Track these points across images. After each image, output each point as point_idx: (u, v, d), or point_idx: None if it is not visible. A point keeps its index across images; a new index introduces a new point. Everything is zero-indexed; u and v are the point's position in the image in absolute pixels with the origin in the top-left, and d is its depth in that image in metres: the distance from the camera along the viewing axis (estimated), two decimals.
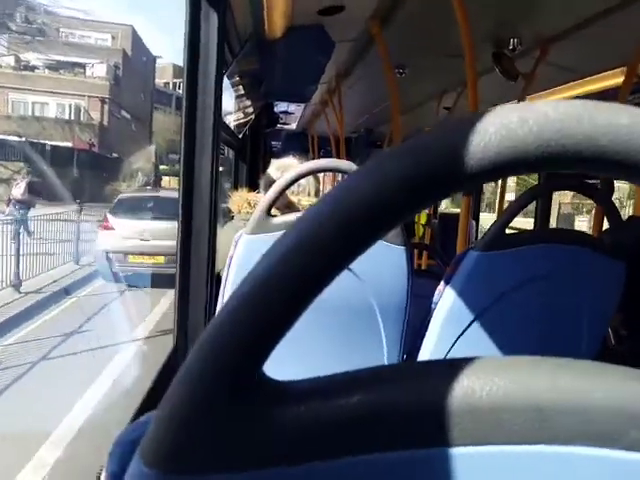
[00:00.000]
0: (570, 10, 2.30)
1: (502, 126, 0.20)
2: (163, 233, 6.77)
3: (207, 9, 1.14)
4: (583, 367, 0.23)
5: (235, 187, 3.39)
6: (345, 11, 2.59)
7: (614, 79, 2.72)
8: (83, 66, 22.70)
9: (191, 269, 1.30)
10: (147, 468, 0.22)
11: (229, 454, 0.22)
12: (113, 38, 24.30)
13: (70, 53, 21.88)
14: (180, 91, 1.24)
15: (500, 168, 0.20)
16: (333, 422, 0.22)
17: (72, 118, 21.53)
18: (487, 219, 6.76)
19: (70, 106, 21.73)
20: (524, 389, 0.23)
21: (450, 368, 0.24)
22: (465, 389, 0.22)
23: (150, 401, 1.12)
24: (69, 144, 19.81)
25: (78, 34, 23.69)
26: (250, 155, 4.11)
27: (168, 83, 28.93)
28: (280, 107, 5.18)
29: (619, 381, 0.23)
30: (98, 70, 22.76)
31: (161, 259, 7.06)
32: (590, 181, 2.51)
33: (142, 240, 7.19)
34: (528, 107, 0.20)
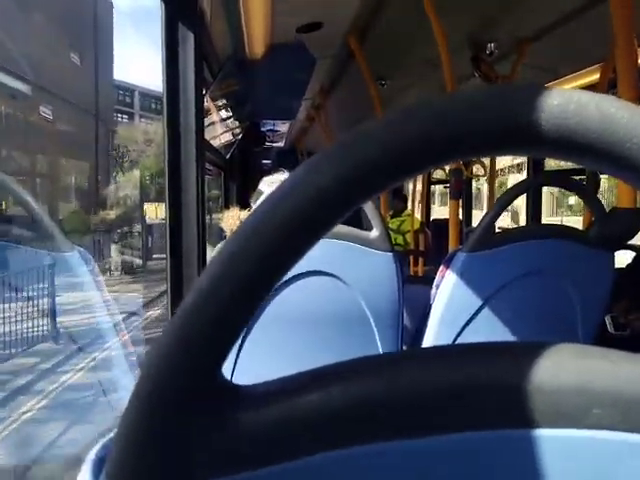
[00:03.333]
0: (543, 11, 2.34)
1: None
2: None
3: (184, 31, 1.16)
4: (543, 348, 0.23)
5: (226, 207, 3.40)
6: (323, 28, 2.63)
7: (591, 77, 2.76)
8: None
9: (183, 290, 1.30)
10: None
11: (192, 465, 0.21)
12: None
13: None
14: None
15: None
16: (296, 421, 0.22)
17: None
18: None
19: None
20: (488, 372, 0.23)
21: (415, 358, 0.24)
22: (419, 380, 0.22)
23: None
24: None
25: None
26: (239, 175, 4.13)
27: None
28: (266, 126, 5.22)
29: (579, 360, 0.23)
30: None
31: None
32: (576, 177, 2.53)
33: None
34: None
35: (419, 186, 4.83)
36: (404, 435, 0.22)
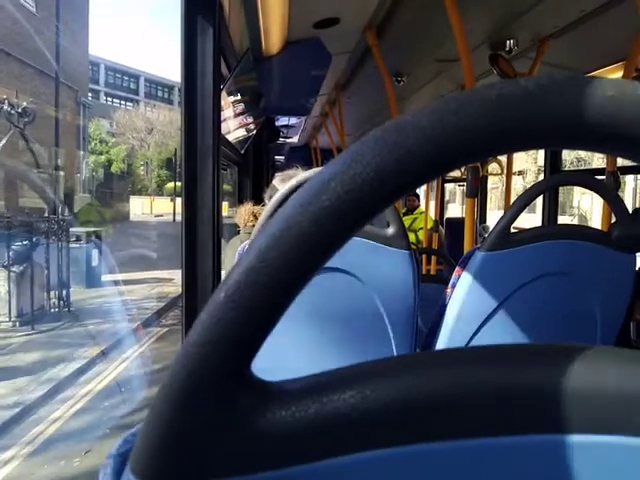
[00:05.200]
0: (565, 8, 2.30)
1: None
2: None
3: (202, 22, 1.16)
4: (581, 351, 0.22)
5: (240, 202, 3.40)
6: (340, 23, 2.62)
7: (612, 75, 2.71)
8: None
9: (197, 284, 1.30)
10: None
11: (220, 460, 0.21)
12: None
13: None
14: None
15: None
16: (329, 420, 0.21)
17: None
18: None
19: None
20: (523, 375, 0.22)
21: (437, 358, 0.23)
22: (454, 381, 0.22)
23: None
24: None
25: None
26: (253, 170, 4.13)
27: None
28: (281, 121, 5.22)
29: (619, 364, 0.22)
30: None
31: None
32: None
33: None
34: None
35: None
36: (439, 438, 0.21)
